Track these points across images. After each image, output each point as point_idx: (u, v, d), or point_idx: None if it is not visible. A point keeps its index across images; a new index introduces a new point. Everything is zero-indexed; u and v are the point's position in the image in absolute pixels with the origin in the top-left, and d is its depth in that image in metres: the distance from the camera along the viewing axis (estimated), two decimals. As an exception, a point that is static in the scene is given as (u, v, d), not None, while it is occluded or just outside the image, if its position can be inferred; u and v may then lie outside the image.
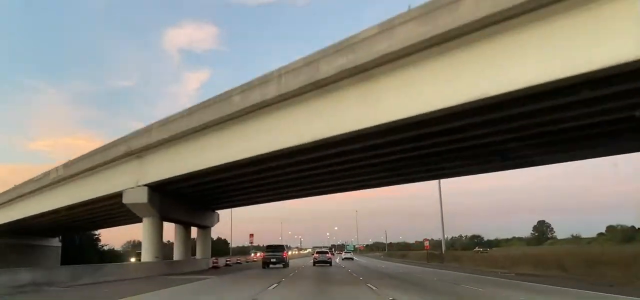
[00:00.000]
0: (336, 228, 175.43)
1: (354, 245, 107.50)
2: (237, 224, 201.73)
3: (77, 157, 26.30)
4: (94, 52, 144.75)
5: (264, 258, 33.39)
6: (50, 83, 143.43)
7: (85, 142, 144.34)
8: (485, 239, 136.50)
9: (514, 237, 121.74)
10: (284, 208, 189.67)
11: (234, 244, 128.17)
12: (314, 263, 38.65)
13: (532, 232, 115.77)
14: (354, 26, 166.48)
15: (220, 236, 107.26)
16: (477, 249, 78.11)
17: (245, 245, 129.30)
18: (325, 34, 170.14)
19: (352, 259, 62.05)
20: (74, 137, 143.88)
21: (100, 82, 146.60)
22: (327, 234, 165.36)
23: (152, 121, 21.80)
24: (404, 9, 11.95)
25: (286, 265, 33.46)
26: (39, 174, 30.35)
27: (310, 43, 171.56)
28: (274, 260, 32.66)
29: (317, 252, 41.25)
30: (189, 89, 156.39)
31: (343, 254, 72.03)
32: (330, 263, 38.91)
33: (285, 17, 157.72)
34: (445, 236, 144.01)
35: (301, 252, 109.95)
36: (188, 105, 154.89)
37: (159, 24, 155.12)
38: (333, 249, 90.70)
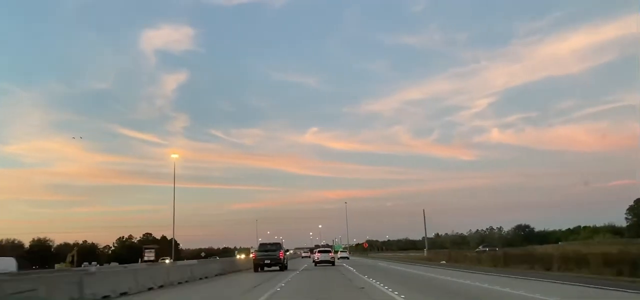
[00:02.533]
0: (320, 226, 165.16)
1: (343, 246, 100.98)
2: (206, 225, 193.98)
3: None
4: (67, 54, 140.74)
5: (256, 259, 29.11)
6: (23, 86, 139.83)
7: (60, 146, 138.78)
8: (536, 229, 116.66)
9: (582, 227, 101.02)
10: (260, 209, 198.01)
11: (187, 247, 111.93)
12: (315, 263, 37.42)
13: (628, 216, 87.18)
14: (334, 25, 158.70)
15: (165, 235, 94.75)
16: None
17: (204, 248, 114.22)
18: (304, 34, 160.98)
19: (348, 258, 61.88)
20: (49, 140, 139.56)
21: (74, 84, 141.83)
22: (310, 233, 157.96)
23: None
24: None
25: (284, 267, 29.08)
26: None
27: (290, 43, 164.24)
28: (269, 261, 28.51)
29: (319, 252, 40.40)
30: (167, 91, 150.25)
31: (339, 254, 68.74)
32: (333, 263, 37.63)
33: (263, 18, 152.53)
34: (474, 230, 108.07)
35: None
36: (166, 107, 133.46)
37: (133, 25, 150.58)
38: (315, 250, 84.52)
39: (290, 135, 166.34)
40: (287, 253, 42.07)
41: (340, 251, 72.34)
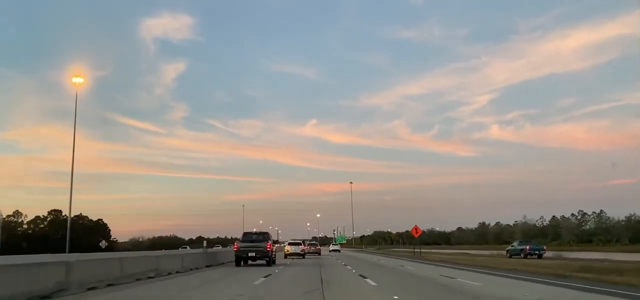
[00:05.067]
0: (318, 215, 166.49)
1: (344, 238, 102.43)
2: (200, 214, 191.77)
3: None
4: (65, 41, 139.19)
5: (237, 251, 24.63)
6: (22, 72, 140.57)
7: (58, 133, 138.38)
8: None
9: None
10: (257, 200, 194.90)
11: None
12: (285, 256, 36.86)
13: None
14: (333, 17, 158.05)
15: (102, 219, 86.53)
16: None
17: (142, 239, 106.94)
18: (304, 25, 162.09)
19: (339, 250, 63.48)
20: (47, 127, 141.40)
21: (73, 71, 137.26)
22: (308, 224, 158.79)
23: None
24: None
25: (271, 261, 25.17)
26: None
27: (289, 35, 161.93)
28: (253, 254, 24.23)
29: (289, 244, 40.00)
30: (167, 80, 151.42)
31: (330, 246, 72.45)
32: (303, 256, 37.29)
33: (263, 9, 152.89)
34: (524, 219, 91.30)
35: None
36: (165, 97, 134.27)
37: (132, 13, 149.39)
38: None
39: (289, 127, 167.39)
40: (276, 245, 37.07)
41: (332, 245, 74.43)
